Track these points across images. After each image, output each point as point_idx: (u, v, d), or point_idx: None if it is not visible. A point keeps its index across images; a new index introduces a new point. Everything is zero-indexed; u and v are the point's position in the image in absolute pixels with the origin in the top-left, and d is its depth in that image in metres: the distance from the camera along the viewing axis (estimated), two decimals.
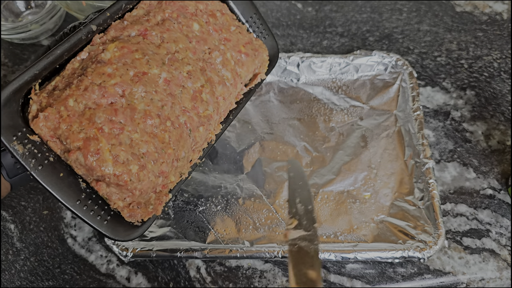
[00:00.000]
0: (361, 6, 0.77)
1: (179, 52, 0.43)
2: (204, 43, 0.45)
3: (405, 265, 0.53)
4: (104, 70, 0.39)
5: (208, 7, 0.48)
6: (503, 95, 0.66)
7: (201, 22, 0.46)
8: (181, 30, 0.45)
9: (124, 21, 0.43)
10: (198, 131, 0.43)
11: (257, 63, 0.51)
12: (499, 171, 0.60)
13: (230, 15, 0.50)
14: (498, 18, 0.75)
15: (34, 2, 0.75)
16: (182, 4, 0.46)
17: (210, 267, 0.55)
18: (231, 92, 0.47)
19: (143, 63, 0.40)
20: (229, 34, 0.48)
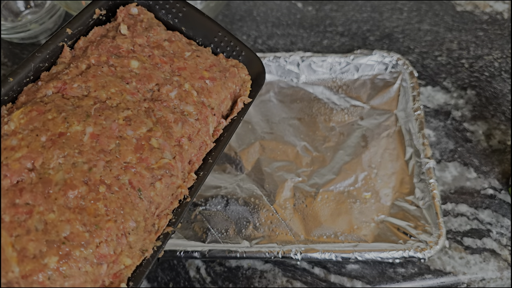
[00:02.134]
0: (361, 6, 0.77)
1: (112, 97, 0.37)
2: (149, 80, 0.39)
3: (405, 265, 0.53)
4: (6, 144, 0.32)
5: (150, 39, 0.42)
6: (504, 95, 0.66)
7: (141, 58, 0.40)
8: (113, 73, 0.38)
9: (39, 82, 0.37)
10: (154, 189, 0.35)
11: (234, 86, 0.43)
12: (500, 171, 0.60)
13: (182, 41, 0.44)
14: (498, 18, 0.75)
15: (33, 2, 0.75)
16: (113, 45, 0.40)
17: (210, 267, 0.55)
18: (198, 129, 0.39)
19: (59, 123, 0.34)
20: (183, 61, 0.42)
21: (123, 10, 0.42)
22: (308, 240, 0.54)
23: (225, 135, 0.42)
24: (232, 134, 0.42)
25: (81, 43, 0.40)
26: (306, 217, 0.56)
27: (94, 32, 0.41)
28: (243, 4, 0.78)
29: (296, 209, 0.56)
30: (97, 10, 0.42)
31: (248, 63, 0.45)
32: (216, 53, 0.45)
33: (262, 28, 0.75)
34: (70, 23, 0.40)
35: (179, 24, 0.45)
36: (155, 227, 0.35)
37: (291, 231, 0.55)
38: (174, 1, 0.44)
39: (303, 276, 0.53)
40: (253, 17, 0.76)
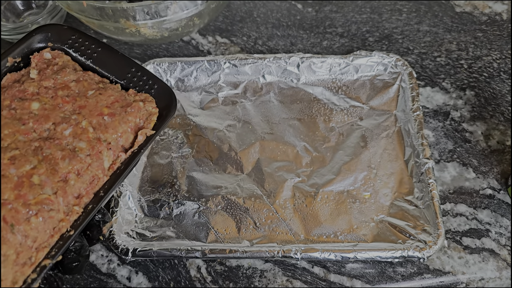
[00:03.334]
0: (361, 7, 0.78)
1: (4, 139, 0.38)
2: (46, 120, 0.40)
3: (404, 264, 0.54)
4: None
5: (57, 81, 0.43)
6: (503, 95, 0.66)
7: (43, 99, 0.42)
8: (12, 115, 0.40)
9: None
10: (29, 224, 0.35)
11: (137, 120, 0.44)
12: (499, 171, 0.60)
13: (90, 81, 0.45)
14: (497, 19, 0.75)
15: (35, 3, 0.76)
16: (19, 89, 0.42)
17: (210, 266, 0.55)
18: (89, 164, 0.40)
19: None
20: (84, 100, 0.43)
21: (36, 56, 0.44)
22: (308, 239, 0.54)
23: (122, 168, 0.42)
24: (131, 167, 0.42)
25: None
26: (306, 217, 0.56)
27: (7, 78, 0.43)
28: (243, 5, 0.78)
29: (296, 209, 0.57)
30: (10, 59, 0.43)
31: (160, 95, 0.46)
32: (128, 88, 0.46)
33: (263, 29, 0.75)
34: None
35: (94, 64, 0.47)
36: (31, 260, 0.35)
37: (291, 230, 0.55)
38: (89, 43, 0.47)
39: (303, 275, 0.54)
40: (254, 18, 0.77)
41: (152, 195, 0.59)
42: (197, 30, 0.75)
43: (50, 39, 0.46)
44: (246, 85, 0.67)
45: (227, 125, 0.64)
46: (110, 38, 0.74)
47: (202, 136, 0.63)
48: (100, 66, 0.46)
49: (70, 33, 0.47)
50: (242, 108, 0.66)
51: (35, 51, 0.46)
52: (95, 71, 0.46)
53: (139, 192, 0.59)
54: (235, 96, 0.67)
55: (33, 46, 0.46)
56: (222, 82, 0.67)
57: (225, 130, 0.64)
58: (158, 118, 0.45)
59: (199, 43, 0.74)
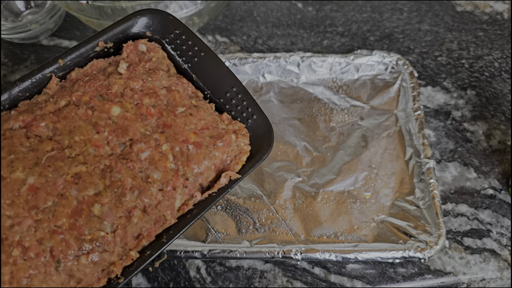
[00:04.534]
0: (361, 6, 0.77)
1: (73, 146, 0.33)
2: (124, 133, 0.34)
3: (405, 265, 0.53)
4: None
5: (146, 84, 0.37)
6: (504, 95, 0.66)
7: (126, 105, 0.35)
8: (87, 117, 0.34)
9: (12, 111, 0.34)
10: (78, 263, 0.30)
11: (224, 156, 0.37)
12: (500, 171, 0.60)
13: (182, 92, 0.38)
14: (498, 18, 0.75)
15: (34, 2, 0.75)
16: (103, 84, 0.36)
17: (210, 267, 0.55)
18: (159, 201, 0.34)
19: (3, 165, 0.31)
20: (171, 117, 0.36)
21: (129, 46, 0.38)
22: (308, 240, 0.54)
23: (194, 213, 0.35)
24: (204, 212, 0.35)
25: (74, 75, 0.37)
26: (306, 217, 0.56)
27: (92, 64, 0.37)
28: (243, 4, 0.78)
29: (296, 209, 0.56)
30: (101, 43, 0.38)
31: (256, 130, 0.38)
32: (222, 109, 0.39)
33: (263, 28, 0.75)
34: (65, 53, 0.36)
35: (191, 71, 0.39)
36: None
37: (291, 231, 0.55)
38: (193, 43, 0.39)
39: (303, 276, 0.54)
40: (254, 17, 0.76)
41: None
42: (197, 29, 0.74)
43: (150, 27, 0.39)
44: (246, 85, 0.67)
45: None
46: None
47: None
48: (198, 75, 0.39)
49: (174, 26, 0.39)
50: None
51: (130, 39, 0.39)
52: (190, 79, 0.39)
53: None
54: None
55: (129, 31, 0.39)
56: None
57: None
58: (247, 159, 0.38)
59: None
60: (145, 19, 0.38)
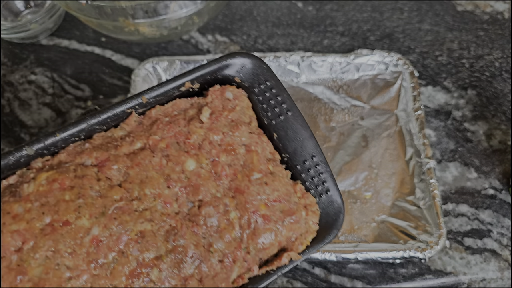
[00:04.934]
0: (362, 5, 0.77)
1: (142, 199, 0.31)
2: (195, 192, 0.32)
3: (406, 265, 0.53)
4: (12, 208, 0.28)
5: (226, 138, 0.34)
6: (504, 95, 0.66)
7: (201, 160, 0.33)
8: (161, 167, 0.32)
9: (86, 144, 0.32)
10: None
11: (290, 234, 0.34)
12: (501, 171, 0.60)
13: (261, 154, 0.34)
14: (499, 18, 0.75)
15: (33, 2, 0.75)
16: (182, 131, 0.33)
17: None
18: (216, 273, 0.31)
19: (71, 209, 0.29)
20: (246, 183, 0.33)
21: (216, 91, 0.35)
22: None
23: (247, 285, 0.32)
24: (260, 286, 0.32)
25: (154, 113, 0.34)
26: None
27: (174, 103, 0.35)
28: (243, 4, 0.78)
29: None
30: (188, 84, 0.35)
31: (327, 207, 0.35)
32: (296, 178, 0.36)
33: (263, 28, 0.75)
34: (149, 90, 0.34)
35: (273, 128, 0.35)
36: None
37: None
38: (282, 100, 0.35)
39: (304, 276, 0.53)
40: (253, 17, 0.76)
41: None
42: (197, 28, 0.74)
43: (241, 72, 0.36)
44: None
45: None
46: (109, 37, 0.74)
47: None
48: (280, 136, 0.35)
49: (266, 77, 0.36)
50: None
51: (218, 81, 0.36)
52: (270, 137, 0.36)
53: None
54: None
55: (219, 73, 0.36)
56: None
57: None
58: (312, 240, 0.35)
59: (198, 42, 0.74)
60: (237, 63, 0.35)
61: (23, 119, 0.67)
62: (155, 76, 0.66)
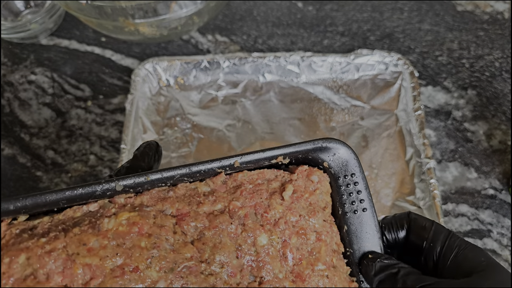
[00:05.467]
0: (362, 5, 0.77)
1: (211, 263, 0.30)
2: (259, 269, 0.31)
3: None
4: (89, 239, 0.29)
5: (301, 222, 0.33)
6: (504, 95, 0.66)
7: (274, 238, 0.32)
8: (235, 236, 0.32)
9: (170, 191, 0.33)
10: None
11: None
12: (501, 171, 0.60)
13: (329, 244, 0.34)
14: (499, 18, 0.75)
15: (33, 2, 0.75)
16: (263, 203, 0.33)
17: None
18: None
19: (143, 257, 0.29)
20: (308, 271, 0.32)
21: (304, 172, 0.35)
22: None
23: None
24: None
25: (239, 177, 0.34)
26: None
27: (260, 172, 0.35)
28: (243, 3, 0.78)
29: None
30: (280, 158, 0.35)
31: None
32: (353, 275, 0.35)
33: (263, 27, 0.75)
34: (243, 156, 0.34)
35: (345, 220, 0.35)
36: None
37: None
38: (362, 196, 0.35)
39: None
40: (253, 17, 0.76)
41: None
42: (197, 28, 0.74)
43: (331, 158, 0.36)
44: (246, 84, 0.67)
45: (226, 124, 0.64)
46: (109, 37, 0.74)
47: (201, 136, 0.63)
48: (350, 229, 0.35)
49: (354, 169, 0.36)
50: (242, 108, 0.65)
51: (307, 161, 0.35)
52: (339, 227, 0.35)
53: None
54: (235, 95, 0.66)
55: (310, 154, 0.35)
56: (221, 81, 0.67)
57: (224, 130, 0.63)
58: None
59: (198, 42, 0.74)
60: (332, 148, 0.35)
61: (23, 119, 0.67)
62: (155, 76, 0.66)
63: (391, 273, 0.31)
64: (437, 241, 0.32)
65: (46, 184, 0.61)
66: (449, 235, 0.32)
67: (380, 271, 0.32)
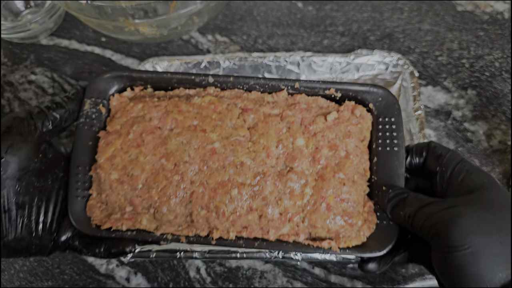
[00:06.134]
0: (362, 5, 0.77)
1: (256, 144, 0.40)
2: (292, 160, 0.40)
3: (406, 265, 0.53)
4: (181, 105, 0.42)
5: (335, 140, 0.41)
6: (504, 95, 0.66)
7: (309, 143, 0.41)
8: (280, 132, 0.41)
9: (245, 94, 0.43)
10: (200, 211, 0.39)
11: (342, 230, 0.40)
12: (500, 171, 0.60)
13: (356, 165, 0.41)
14: (499, 18, 0.75)
15: (33, 1, 0.75)
16: (308, 118, 0.42)
17: (210, 267, 0.54)
18: (273, 219, 0.39)
19: (211, 124, 0.41)
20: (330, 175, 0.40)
21: (350, 106, 0.43)
22: None
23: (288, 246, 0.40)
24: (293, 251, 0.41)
25: (298, 98, 0.43)
26: None
27: (315, 99, 0.43)
28: (243, 4, 0.78)
29: None
30: (332, 90, 0.43)
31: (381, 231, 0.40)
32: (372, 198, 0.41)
33: (262, 28, 0.75)
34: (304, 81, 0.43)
35: (377, 153, 0.41)
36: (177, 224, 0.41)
37: None
38: (396, 136, 0.41)
39: (304, 276, 0.53)
40: (253, 17, 0.76)
41: None
42: (197, 28, 0.74)
43: (377, 101, 0.43)
44: None
45: None
46: (109, 37, 0.74)
47: None
48: (379, 161, 0.41)
49: (393, 114, 0.42)
50: None
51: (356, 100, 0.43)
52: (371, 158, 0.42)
53: None
54: None
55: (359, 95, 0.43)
56: None
57: None
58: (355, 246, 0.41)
59: (198, 42, 0.74)
60: (378, 93, 0.42)
61: None
62: None
63: (401, 198, 0.36)
64: (448, 165, 0.35)
65: None
66: (460, 161, 0.35)
67: (392, 198, 0.36)
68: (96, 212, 0.41)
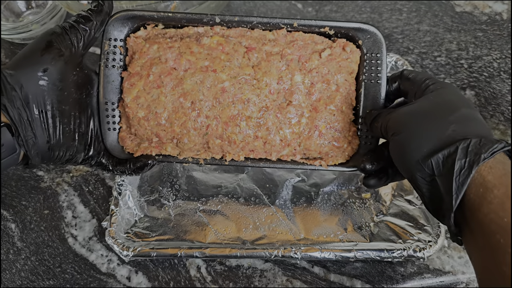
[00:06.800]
0: (361, 6, 0.77)
1: (259, 81, 0.45)
2: (290, 95, 0.45)
3: (405, 264, 0.54)
4: (193, 46, 0.45)
5: (328, 75, 0.46)
6: (503, 95, 0.66)
7: (305, 79, 0.46)
8: (280, 70, 0.46)
9: (248, 32, 0.47)
10: (215, 140, 0.45)
11: (330, 151, 0.47)
12: None
13: (345, 96, 0.46)
14: (498, 18, 0.75)
15: (34, 2, 0.76)
16: (305, 55, 0.46)
17: (210, 266, 0.55)
18: (275, 145, 0.46)
19: (220, 64, 0.45)
20: (323, 107, 0.46)
21: (341, 43, 0.47)
22: (308, 239, 0.54)
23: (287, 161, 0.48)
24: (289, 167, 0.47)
25: (296, 35, 0.47)
26: (306, 216, 0.56)
27: (311, 36, 0.47)
28: (243, 4, 0.78)
29: (296, 209, 0.57)
30: (327, 28, 0.47)
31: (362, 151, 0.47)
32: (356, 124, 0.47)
33: None
34: (302, 20, 0.47)
35: (363, 85, 0.47)
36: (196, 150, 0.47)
37: (291, 230, 0.55)
38: (380, 69, 0.46)
39: (303, 275, 0.54)
40: None
41: (152, 195, 0.59)
42: None
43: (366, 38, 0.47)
44: None
45: None
46: None
47: None
48: (364, 92, 0.47)
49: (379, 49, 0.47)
50: None
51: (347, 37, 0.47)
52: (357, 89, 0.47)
53: (138, 192, 0.59)
54: None
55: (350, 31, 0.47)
56: None
57: None
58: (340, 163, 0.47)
59: None
60: (368, 31, 0.46)
61: None
62: None
63: (378, 113, 0.43)
64: (417, 82, 0.42)
65: (48, 184, 0.62)
66: (428, 77, 0.41)
67: (375, 117, 0.43)
68: (127, 142, 0.46)
